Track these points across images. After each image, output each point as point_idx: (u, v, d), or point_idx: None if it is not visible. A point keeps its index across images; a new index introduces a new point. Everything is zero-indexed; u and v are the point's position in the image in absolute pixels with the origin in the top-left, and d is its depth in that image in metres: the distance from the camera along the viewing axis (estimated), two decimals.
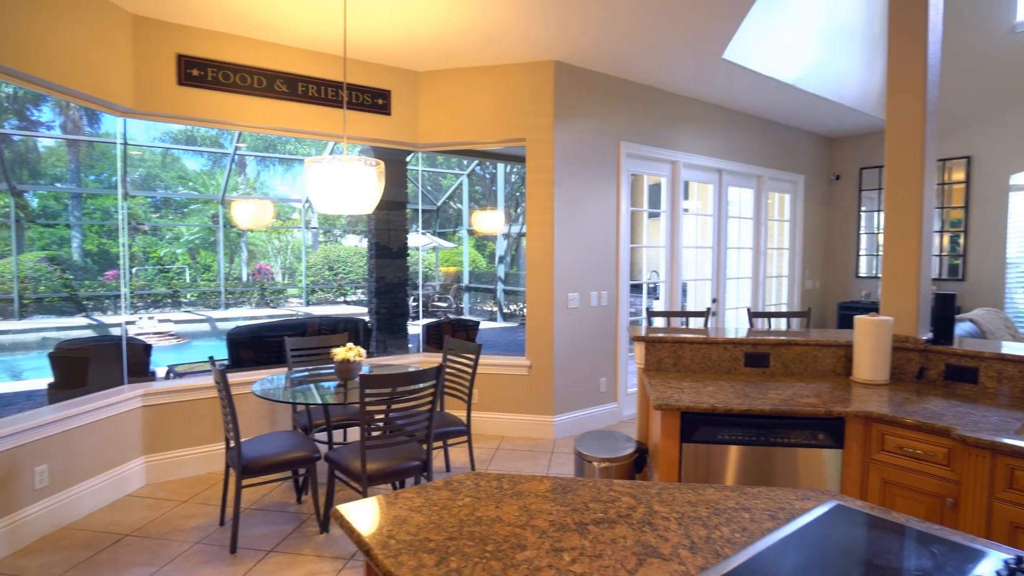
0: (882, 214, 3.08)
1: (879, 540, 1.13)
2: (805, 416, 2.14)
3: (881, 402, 2.21)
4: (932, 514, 1.96)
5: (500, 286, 12.84)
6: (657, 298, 5.82)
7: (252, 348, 5.25)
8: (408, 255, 6.43)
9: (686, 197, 5.97)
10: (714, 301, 5.82)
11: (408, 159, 6.49)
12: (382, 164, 3.21)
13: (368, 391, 2.72)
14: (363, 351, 3.40)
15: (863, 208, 7.17)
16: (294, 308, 13.35)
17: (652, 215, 5.69)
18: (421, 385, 2.96)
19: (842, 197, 7.33)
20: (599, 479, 1.33)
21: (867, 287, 7.09)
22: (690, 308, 5.96)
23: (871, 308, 5.93)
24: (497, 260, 12.95)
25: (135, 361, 4.04)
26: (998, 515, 1.78)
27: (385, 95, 4.57)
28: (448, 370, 3.97)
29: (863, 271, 7.19)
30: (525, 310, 4.71)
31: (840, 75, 5.52)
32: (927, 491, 1.97)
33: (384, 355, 5.21)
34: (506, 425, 4.71)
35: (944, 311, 2.52)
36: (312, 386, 3.32)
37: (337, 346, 3.47)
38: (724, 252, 5.94)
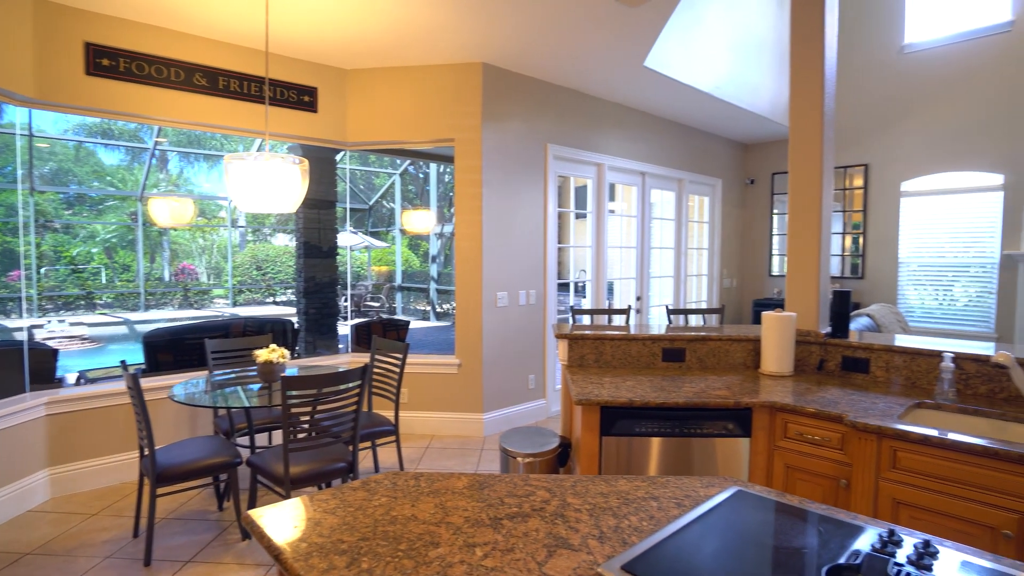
0: None
1: (773, 521, 1.22)
2: (716, 407, 2.26)
3: (785, 392, 2.36)
4: (829, 495, 2.12)
5: (433, 285, 12.76)
6: (584, 296, 5.96)
7: (171, 351, 4.99)
8: (338, 254, 6.28)
9: (612, 199, 6.15)
10: (638, 299, 6.02)
11: (339, 157, 6.34)
12: (306, 162, 3.14)
13: (291, 393, 2.65)
14: (287, 352, 3.31)
15: (775, 211, 7.61)
16: (220, 309, 12.75)
17: (579, 216, 5.83)
18: (346, 386, 2.92)
19: (756, 200, 7.76)
20: (516, 474, 1.36)
21: (779, 285, 7.53)
22: (617, 306, 6.14)
23: (781, 305, 6.31)
24: (430, 259, 12.87)
25: (40, 367, 3.75)
26: (883, 493, 1.95)
27: (312, 92, 4.45)
28: (376, 370, 3.92)
29: (775, 270, 7.63)
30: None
31: (753, 86, 5.84)
32: (824, 474, 2.13)
33: (313, 356, 5.08)
34: (436, 424, 4.70)
35: (841, 307, 2.73)
36: (234, 389, 3.20)
37: (261, 348, 3.36)
38: (648, 252, 6.15)
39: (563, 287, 6.15)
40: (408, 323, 6.91)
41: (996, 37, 5.74)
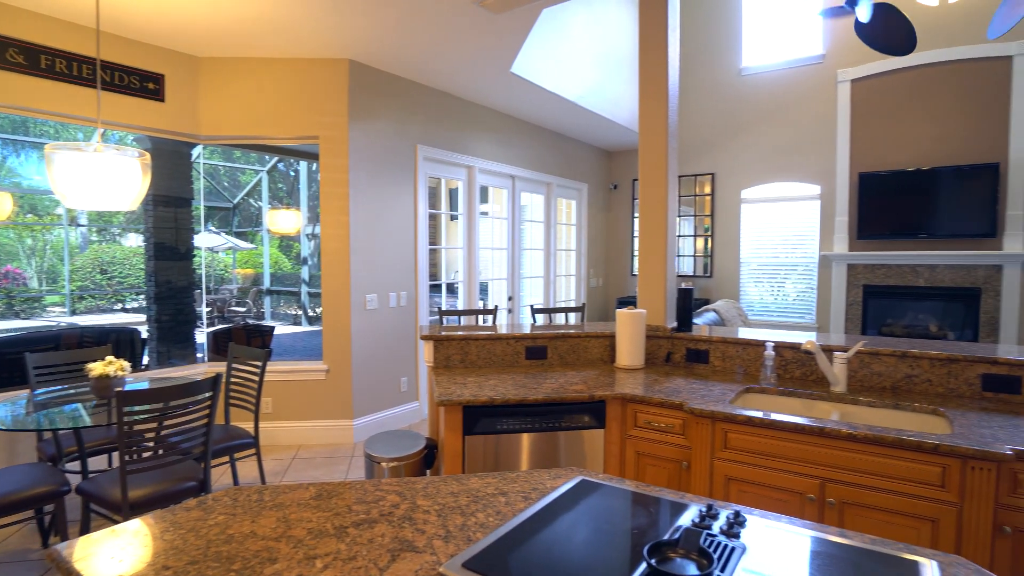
0: None
1: (611, 505, 1.31)
2: (573, 401, 2.37)
3: (636, 384, 2.54)
4: (673, 477, 2.31)
5: (305, 289, 12.19)
6: (458, 297, 5.99)
7: None
8: (195, 256, 5.78)
9: (485, 201, 6.24)
10: (510, 299, 6.17)
11: (200, 152, 5.84)
12: (147, 155, 2.86)
13: (131, 409, 2.41)
14: (127, 365, 3.00)
15: (636, 215, 8.14)
16: (55, 318, 11.21)
17: (454, 217, 5.85)
18: (196, 398, 2.70)
19: (619, 204, 8.25)
20: (368, 480, 1.34)
21: None
22: (491, 306, 6.24)
23: None
24: (301, 261, 12.27)
25: None
26: (718, 471, 2.16)
27: (158, 79, 4.07)
28: (233, 379, 3.68)
29: (637, 270, 8.17)
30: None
31: (615, 97, 6.20)
32: (669, 458, 2.32)
33: (165, 367, 4.66)
34: (304, 433, 4.49)
35: (684, 303, 2.98)
36: (61, 408, 2.84)
37: (95, 360, 3.03)
38: (519, 253, 6.32)
39: (436, 288, 6.14)
40: (273, 329, 6.54)
41: (812, 67, 6.57)
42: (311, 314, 11.98)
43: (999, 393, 2.30)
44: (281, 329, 11.53)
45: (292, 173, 12.17)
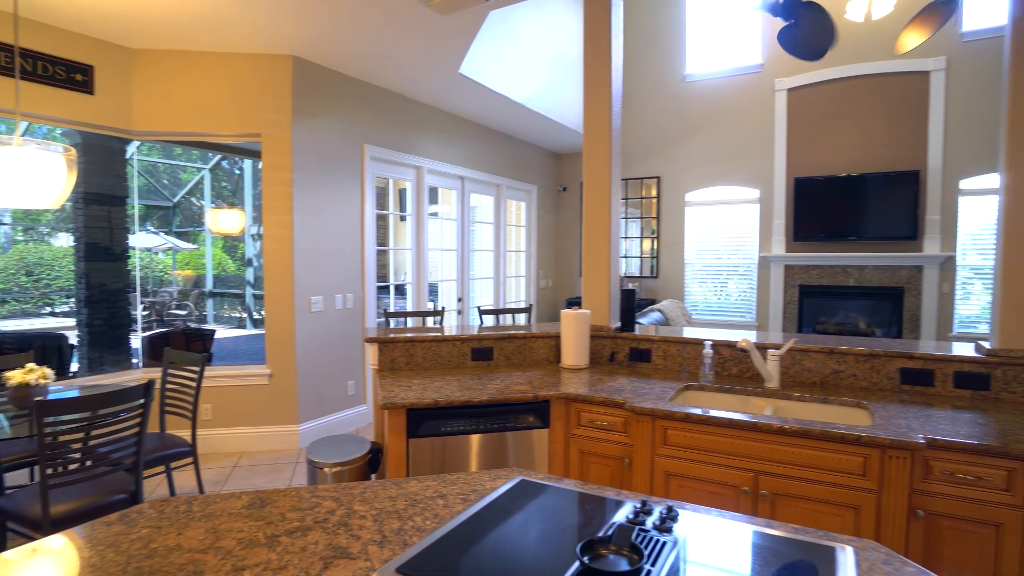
0: None
1: (549, 505, 1.32)
2: (518, 402, 2.39)
3: (579, 384, 2.58)
4: (616, 475, 2.36)
5: (249, 291, 11.82)
6: (407, 299, 5.93)
7: None
8: (130, 256, 5.51)
9: (435, 202, 6.20)
10: (460, 300, 6.15)
11: (137, 148, 5.57)
12: (73, 151, 2.71)
13: (51, 419, 2.28)
14: (50, 372, 2.84)
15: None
16: None
17: (403, 218, 5.79)
18: (126, 406, 2.58)
19: (568, 206, 8.35)
20: (304, 487, 1.31)
21: None
22: (441, 308, 6.21)
23: None
24: (246, 263, 11.89)
25: None
26: (658, 467, 2.21)
27: (86, 70, 3.87)
28: (169, 385, 3.53)
29: None
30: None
31: (564, 100, 6.27)
32: (612, 456, 2.36)
33: (96, 374, 4.44)
34: (246, 440, 4.36)
35: (627, 304, 3.04)
36: None
37: (15, 368, 2.85)
38: (469, 254, 6.31)
39: (385, 290, 6.07)
40: (214, 332, 6.31)
41: (752, 75, 6.82)
42: (256, 317, 11.63)
43: (915, 386, 2.44)
44: (224, 333, 11.16)
45: (237, 171, 11.78)
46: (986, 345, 2.41)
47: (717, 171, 7.07)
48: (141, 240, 11.08)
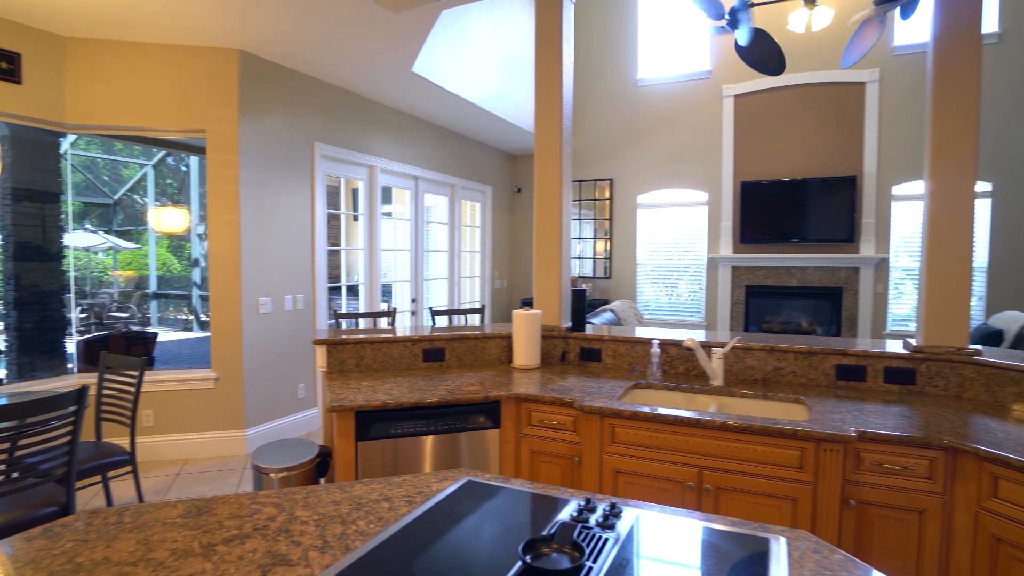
0: None
1: (495, 505, 1.33)
2: (469, 402, 2.39)
3: (530, 384, 2.59)
4: (566, 473, 2.38)
5: (196, 292, 11.41)
6: (358, 300, 5.85)
7: None
8: (65, 256, 5.24)
9: (388, 201, 6.13)
10: (413, 301, 6.10)
11: (73, 142, 5.29)
12: None
13: None
14: None
15: None
16: None
17: (356, 218, 5.70)
18: (56, 414, 2.46)
19: (523, 207, 8.39)
20: (244, 494, 1.28)
21: None
22: (397, 309, 6.15)
23: None
24: (192, 263, 11.46)
25: None
26: (607, 465, 2.25)
27: (12, 58, 3.66)
28: (106, 391, 3.38)
29: None
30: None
31: (518, 101, 6.30)
32: (562, 455, 2.39)
33: (27, 380, 4.21)
34: (191, 446, 4.21)
35: (578, 304, 3.08)
36: None
37: None
38: (423, 254, 6.26)
39: (337, 291, 5.96)
40: (156, 335, 6.07)
41: (701, 81, 7.01)
42: (204, 319, 11.23)
43: (850, 381, 2.56)
44: (169, 335, 10.74)
45: (184, 168, 11.35)
46: (912, 342, 2.55)
47: (667, 174, 7.23)
48: (78, 239, 10.54)
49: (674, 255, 7.35)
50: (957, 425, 2.00)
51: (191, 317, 11.59)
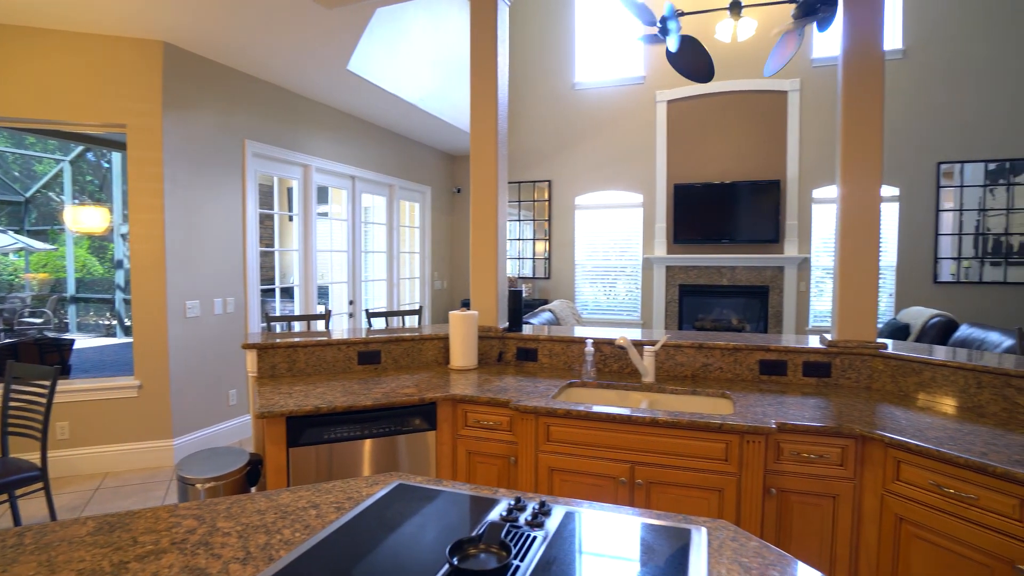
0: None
1: (425, 508, 1.33)
2: (404, 405, 2.37)
3: (467, 384, 2.60)
4: (503, 473, 2.40)
5: (120, 295, 10.80)
6: (293, 302, 5.69)
7: None
8: None
9: (324, 202, 5.99)
10: (351, 303, 5.99)
11: None
12: None
13: None
14: None
15: None
16: None
17: (292, 218, 5.53)
18: None
19: (463, 208, 8.38)
20: (163, 507, 1.22)
21: None
22: (334, 310, 6.01)
23: None
24: (116, 264, 10.83)
25: None
26: (542, 464, 2.28)
27: None
28: (13, 403, 3.15)
29: None
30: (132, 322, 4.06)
31: (457, 102, 6.28)
32: (498, 455, 2.40)
33: None
34: (112, 459, 3.98)
35: (515, 304, 3.11)
36: None
37: None
38: (360, 256, 6.15)
39: (270, 293, 5.78)
40: (73, 342, 5.70)
41: (635, 86, 7.21)
42: (128, 324, 10.63)
43: (772, 375, 2.69)
44: (90, 342, 10.12)
45: (106, 164, 10.70)
46: (828, 337, 2.71)
47: (604, 176, 7.39)
48: None
49: (611, 255, 7.52)
50: (866, 414, 2.14)
51: (114, 322, 10.97)
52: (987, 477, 1.67)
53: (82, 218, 8.41)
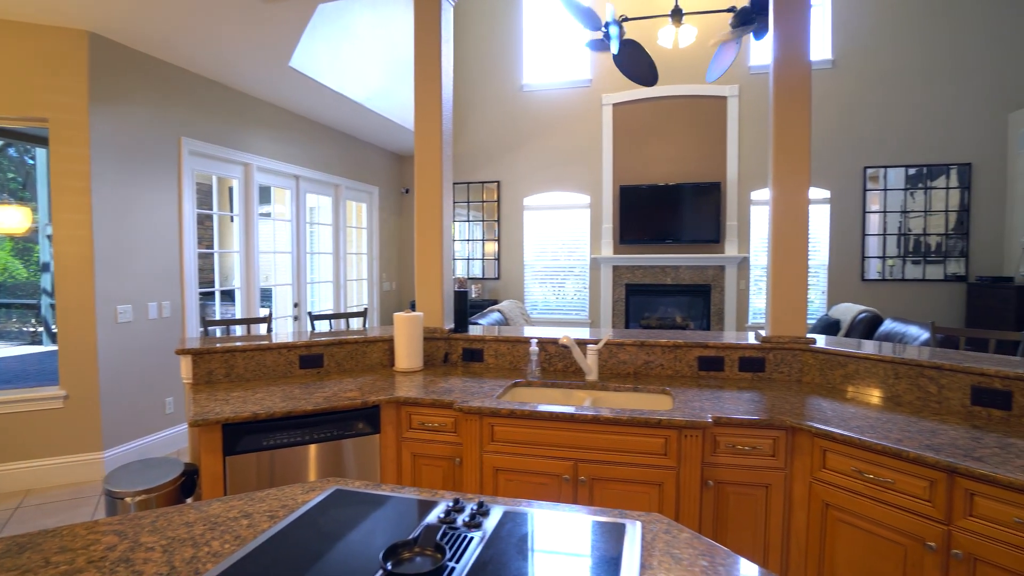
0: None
1: (363, 513, 1.31)
2: (347, 409, 2.33)
3: (412, 387, 2.58)
4: (448, 475, 2.39)
5: (46, 300, 10.19)
6: (235, 305, 5.51)
7: None
8: None
9: (267, 201, 5.83)
10: (296, 305, 5.84)
11: None
12: None
13: None
14: None
15: None
16: None
17: (232, 218, 5.36)
18: None
19: (411, 208, 8.30)
20: (80, 523, 1.17)
21: None
22: (278, 313, 5.85)
23: None
24: (42, 268, 10.21)
25: None
26: (487, 464, 2.28)
27: None
28: None
29: None
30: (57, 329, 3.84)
31: (404, 102, 6.22)
32: (443, 456, 2.39)
33: None
34: (35, 474, 3.76)
35: (460, 305, 3.10)
36: None
37: None
38: (304, 257, 6.01)
39: (210, 296, 5.59)
40: None
41: (582, 89, 7.31)
42: (56, 330, 10.06)
43: (710, 371, 2.79)
44: (11, 350, 9.52)
45: (30, 161, 10.07)
46: (763, 333, 2.82)
47: (552, 177, 7.47)
48: None
49: (560, 256, 7.60)
50: (796, 406, 2.24)
51: (40, 329, 10.35)
52: (902, 462, 1.78)
53: (2, 218, 7.90)
